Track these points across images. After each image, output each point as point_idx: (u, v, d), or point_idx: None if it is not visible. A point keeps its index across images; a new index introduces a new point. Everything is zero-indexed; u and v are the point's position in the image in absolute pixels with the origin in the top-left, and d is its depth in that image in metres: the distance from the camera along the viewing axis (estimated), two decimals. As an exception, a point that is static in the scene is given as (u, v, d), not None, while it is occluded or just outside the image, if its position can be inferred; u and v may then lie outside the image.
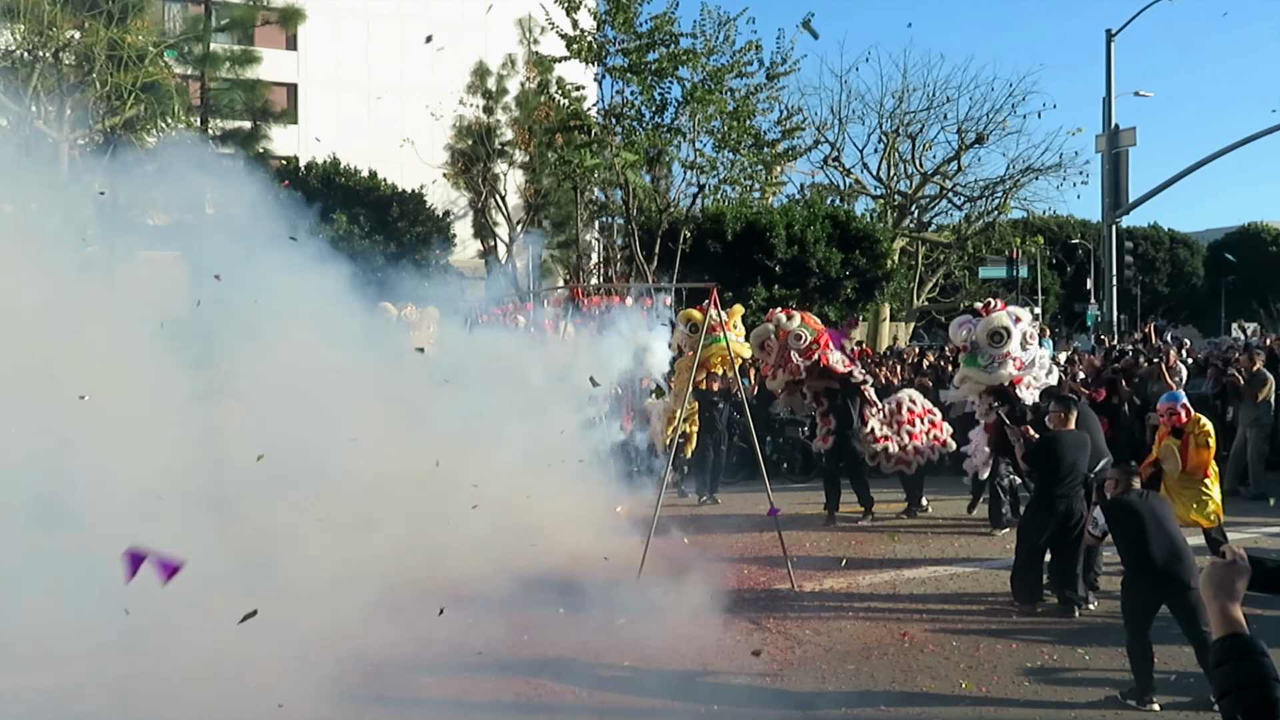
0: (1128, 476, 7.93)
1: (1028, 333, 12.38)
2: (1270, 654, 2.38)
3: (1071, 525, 9.55)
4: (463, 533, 9.72)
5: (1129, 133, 31.15)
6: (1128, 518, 7.62)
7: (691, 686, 7.73)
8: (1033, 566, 9.77)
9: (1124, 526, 7.64)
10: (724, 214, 28.31)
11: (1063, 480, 9.64)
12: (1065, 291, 53.68)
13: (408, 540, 9.46)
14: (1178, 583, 7.34)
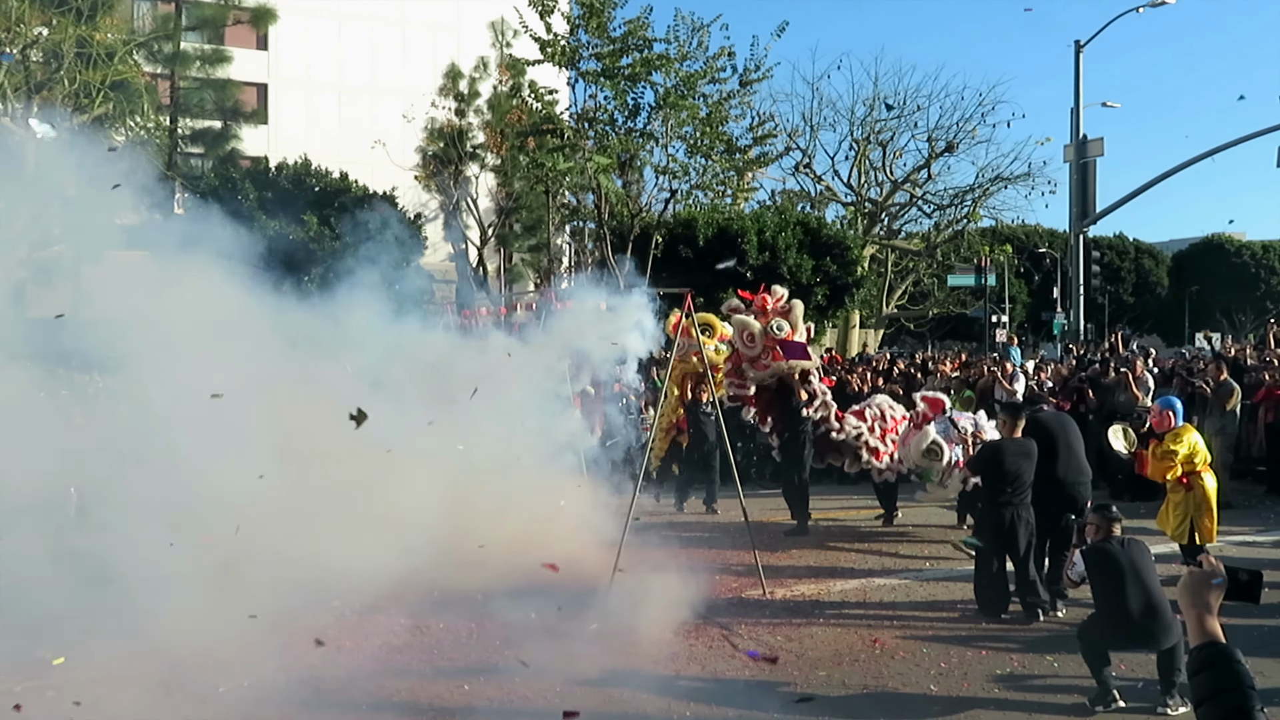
0: (1108, 523, 7.80)
1: (954, 429, 12.38)
2: (1246, 661, 2.42)
3: (1023, 533, 9.65)
4: (433, 538, 9.71)
5: (1097, 143, 31.47)
6: (1107, 567, 7.58)
7: (664, 692, 7.74)
8: (993, 579, 9.80)
9: (1102, 576, 7.63)
10: (696, 219, 28.38)
11: (1006, 489, 9.71)
12: (1032, 300, 54.08)
13: (378, 546, 9.42)
14: (1150, 640, 7.43)
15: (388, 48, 43.17)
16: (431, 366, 11.02)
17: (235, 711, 7.17)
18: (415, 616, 9.20)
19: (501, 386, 10.71)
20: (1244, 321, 57.30)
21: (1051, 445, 10.20)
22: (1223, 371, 16.20)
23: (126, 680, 7.68)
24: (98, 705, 7.22)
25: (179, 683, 7.67)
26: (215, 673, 7.87)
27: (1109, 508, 8.02)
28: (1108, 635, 7.55)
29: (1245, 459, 16.96)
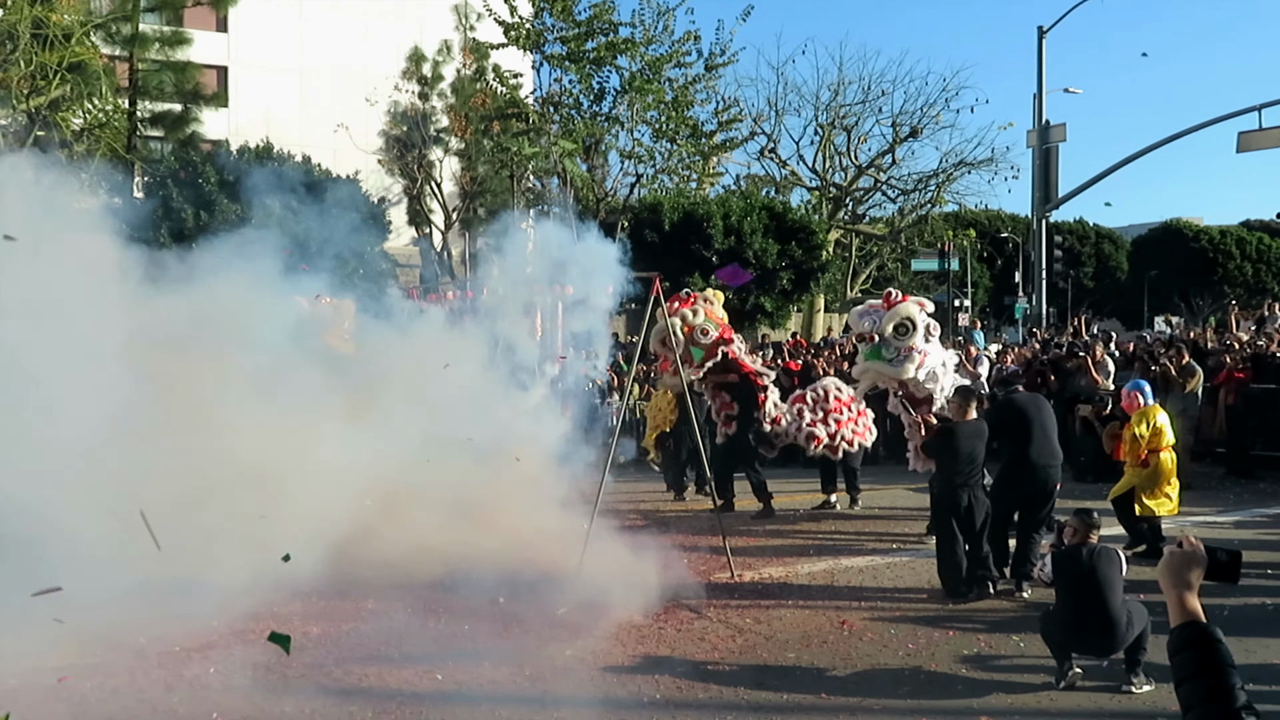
0: (1087, 528, 7.80)
1: (930, 325, 12.10)
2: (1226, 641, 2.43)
3: (979, 513, 9.79)
4: (400, 522, 9.67)
5: (1059, 129, 31.70)
6: (1071, 575, 7.62)
7: (632, 674, 7.74)
8: (956, 561, 9.87)
9: (1064, 581, 7.67)
10: (661, 204, 28.36)
11: (963, 470, 9.82)
12: (994, 284, 54.44)
13: (346, 529, 9.37)
14: (1101, 651, 7.53)
15: (349, 30, 42.74)
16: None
17: (201, 699, 7.10)
18: (383, 602, 9.14)
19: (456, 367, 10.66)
20: (1202, 305, 57.93)
21: (1025, 427, 10.18)
22: (1185, 354, 16.38)
23: (91, 668, 7.61)
24: (64, 691, 7.14)
25: (144, 670, 7.61)
26: (180, 660, 7.82)
27: (1090, 513, 7.98)
28: (1058, 637, 7.63)
29: (1205, 441, 17.17)
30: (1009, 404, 10.61)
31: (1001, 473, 10.46)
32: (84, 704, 7.00)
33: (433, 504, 9.97)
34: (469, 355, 11.03)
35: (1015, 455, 10.22)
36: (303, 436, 9.42)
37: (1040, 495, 10.12)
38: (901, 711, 7.13)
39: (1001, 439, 10.39)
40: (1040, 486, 10.12)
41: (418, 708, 7.05)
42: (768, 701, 7.28)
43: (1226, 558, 2.58)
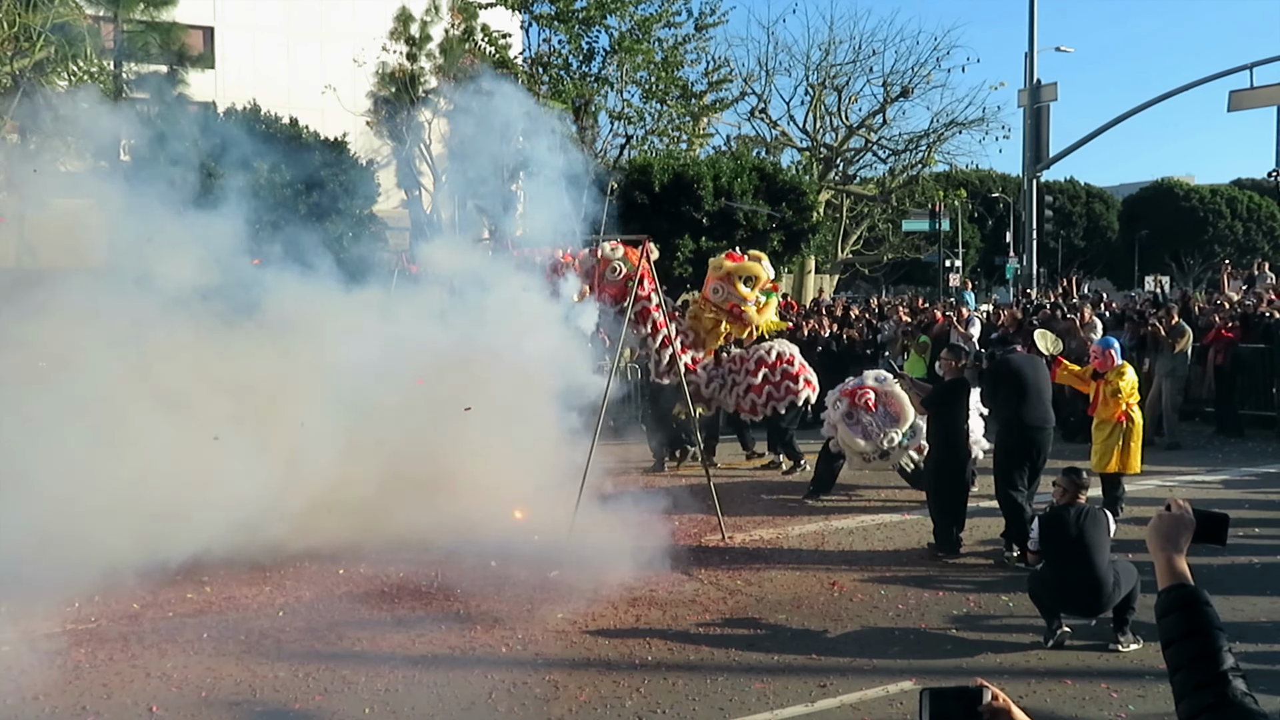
0: (1075, 488, 7.82)
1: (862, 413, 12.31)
2: (1214, 603, 2.44)
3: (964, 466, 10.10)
4: (394, 487, 9.68)
5: (1050, 88, 31.54)
6: (1057, 535, 7.66)
7: (624, 637, 7.79)
8: (962, 516, 9.96)
9: (1051, 543, 7.72)
10: (651, 165, 28.19)
11: (963, 427, 10.06)
12: (985, 245, 54.49)
13: (336, 493, 9.38)
14: (1087, 611, 7.59)
15: (337, -10, 42.23)
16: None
17: (195, 664, 7.14)
18: (375, 566, 9.17)
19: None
20: (1192, 265, 58.07)
21: (1021, 388, 10.01)
22: (1173, 315, 16.42)
23: (85, 634, 7.65)
24: (59, 657, 7.17)
25: (138, 635, 7.63)
26: (174, 626, 7.85)
27: (1079, 473, 7.99)
28: (1046, 596, 7.68)
29: (1194, 400, 17.24)
30: (1005, 363, 10.43)
31: (997, 436, 10.39)
32: (78, 670, 7.03)
33: (426, 468, 9.98)
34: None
35: (1008, 417, 10.08)
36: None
37: (1032, 457, 10.02)
38: (891, 671, 7.18)
39: (996, 400, 10.36)
40: (1031, 448, 9.98)
41: (411, 671, 7.09)
42: (759, 663, 7.33)
43: (1214, 520, 2.58)
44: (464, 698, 6.70)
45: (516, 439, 10.03)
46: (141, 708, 6.48)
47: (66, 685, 6.77)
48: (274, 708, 6.54)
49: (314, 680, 6.92)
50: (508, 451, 10.05)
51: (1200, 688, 2.28)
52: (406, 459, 9.56)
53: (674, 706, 6.59)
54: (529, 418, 10.18)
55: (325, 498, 9.37)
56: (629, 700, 6.68)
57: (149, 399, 8.97)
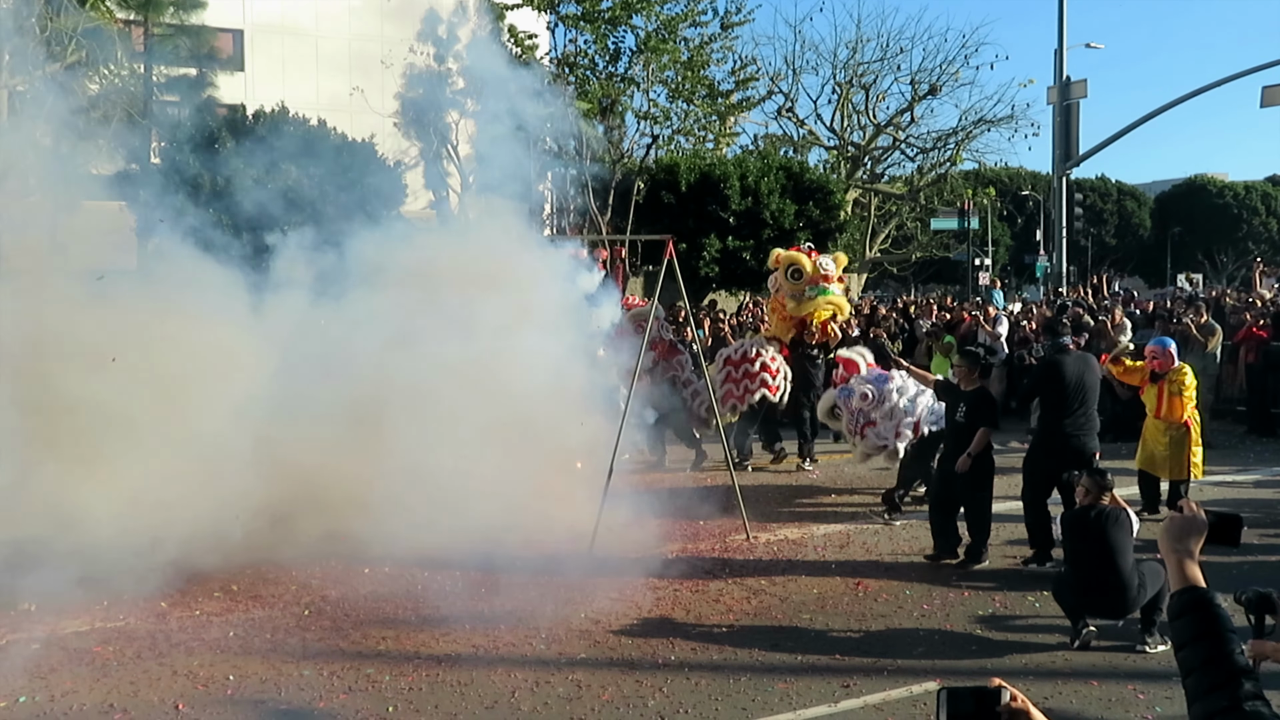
0: (1099, 489, 7.74)
1: (862, 393, 11.83)
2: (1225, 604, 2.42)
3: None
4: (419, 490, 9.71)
5: (1080, 84, 31.33)
6: (1079, 537, 7.62)
7: (647, 637, 7.79)
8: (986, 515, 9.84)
9: (1072, 543, 7.68)
10: (678, 165, 28.22)
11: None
12: (1015, 243, 54.17)
13: (363, 496, 9.42)
14: (1110, 613, 7.53)
15: (365, -8, 42.43)
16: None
17: (221, 662, 7.19)
18: (399, 566, 9.21)
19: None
20: (1225, 262, 57.52)
21: (1061, 393, 9.58)
22: (1204, 313, 16.29)
23: (114, 632, 7.72)
24: (88, 655, 7.25)
25: (165, 634, 7.70)
26: (200, 624, 7.92)
27: (1103, 474, 7.92)
28: (1068, 598, 7.63)
29: (1226, 399, 17.09)
30: (1054, 365, 9.77)
31: (1034, 440, 10.16)
32: (106, 667, 7.10)
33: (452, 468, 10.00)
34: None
35: (1049, 422, 9.72)
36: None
37: (1074, 467, 9.17)
38: (916, 672, 7.16)
39: (1041, 402, 9.99)
40: (1072, 458, 9.35)
41: (434, 670, 7.12)
42: (782, 663, 7.32)
43: (1226, 521, 2.57)
44: (487, 696, 6.72)
45: (540, 439, 10.03)
46: (168, 705, 6.53)
47: (94, 683, 6.84)
48: (298, 706, 6.58)
49: (338, 679, 6.96)
50: (532, 451, 10.05)
51: (1213, 691, 2.26)
52: (430, 457, 9.57)
53: (697, 706, 6.59)
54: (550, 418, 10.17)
55: (354, 496, 9.42)
56: (652, 700, 6.68)
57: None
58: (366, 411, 9.58)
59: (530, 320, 10.39)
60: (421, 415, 9.66)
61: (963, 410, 9.64)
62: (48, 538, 8.35)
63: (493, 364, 10.09)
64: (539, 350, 10.23)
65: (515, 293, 10.31)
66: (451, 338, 10.08)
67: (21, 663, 7.15)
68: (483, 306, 10.21)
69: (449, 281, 10.21)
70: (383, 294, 10.30)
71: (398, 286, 10.25)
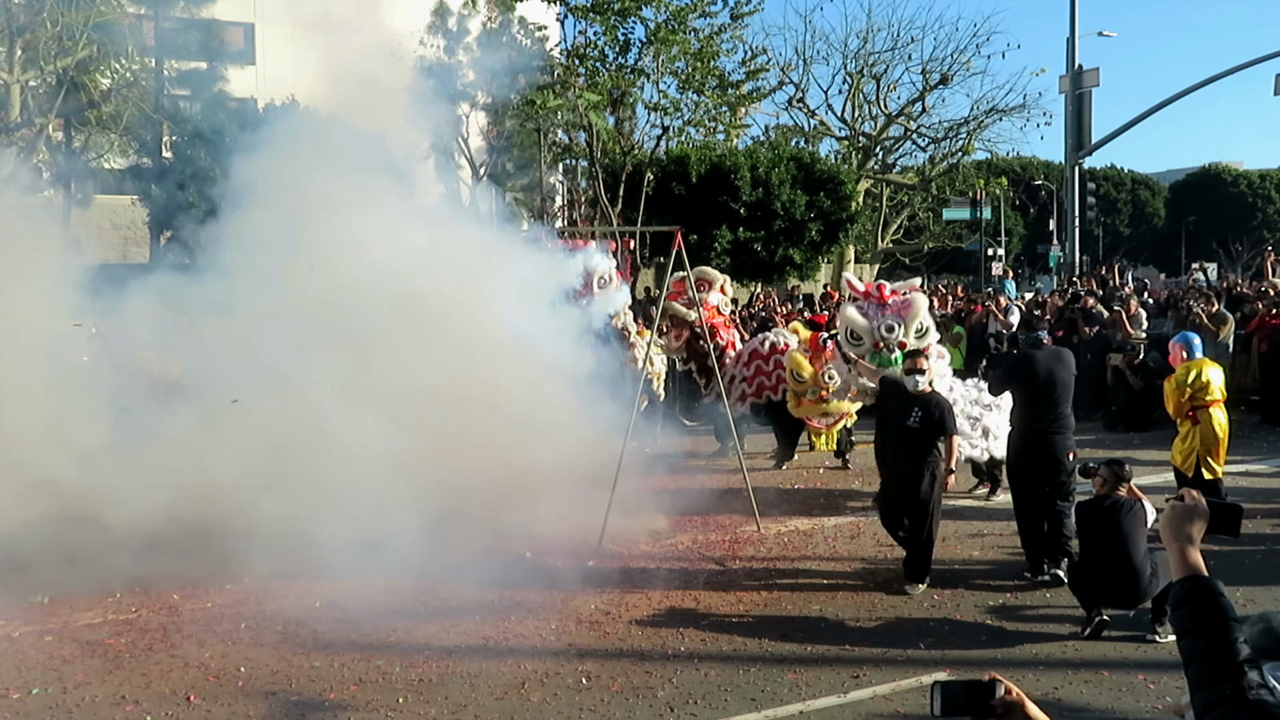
0: (1116, 480, 7.66)
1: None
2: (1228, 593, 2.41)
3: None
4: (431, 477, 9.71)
5: (1092, 73, 31.18)
6: (1093, 527, 7.59)
7: (657, 627, 7.80)
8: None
9: (1086, 534, 7.66)
10: (688, 156, 28.16)
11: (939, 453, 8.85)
12: (1028, 233, 53.89)
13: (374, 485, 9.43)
14: (1122, 603, 7.49)
15: (374, -15, 42.36)
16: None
17: (232, 654, 7.23)
18: (410, 559, 9.22)
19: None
20: (1240, 251, 57.16)
21: (1030, 385, 8.97)
22: (1215, 303, 16.22)
23: (125, 624, 7.77)
24: (100, 647, 7.29)
25: (177, 626, 7.74)
26: (212, 616, 7.95)
27: (1121, 464, 7.80)
28: (1086, 588, 7.61)
29: (1239, 389, 16.99)
30: (1024, 359, 9.23)
31: (1010, 441, 9.52)
32: (118, 659, 7.14)
33: (462, 456, 10.00)
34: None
35: (1020, 419, 9.17)
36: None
37: (1048, 467, 8.85)
38: (926, 662, 7.16)
39: (1012, 398, 9.43)
40: (1043, 457, 8.87)
41: (445, 661, 7.15)
42: (792, 653, 7.32)
43: (1227, 511, 2.56)
44: (497, 687, 6.74)
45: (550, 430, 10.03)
46: (180, 697, 6.57)
47: (107, 674, 6.88)
48: (309, 697, 6.61)
49: (349, 670, 6.99)
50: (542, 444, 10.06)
51: (1215, 680, 2.26)
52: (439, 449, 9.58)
53: (706, 697, 6.60)
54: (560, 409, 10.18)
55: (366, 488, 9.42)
56: (661, 690, 6.69)
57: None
58: (378, 402, 9.57)
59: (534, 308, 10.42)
60: (430, 406, 9.67)
61: (917, 415, 8.61)
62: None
63: (506, 355, 10.10)
64: (546, 340, 10.25)
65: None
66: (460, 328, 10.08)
67: (34, 655, 7.21)
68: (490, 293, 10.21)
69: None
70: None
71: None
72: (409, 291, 9.78)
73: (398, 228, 10.13)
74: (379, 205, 10.23)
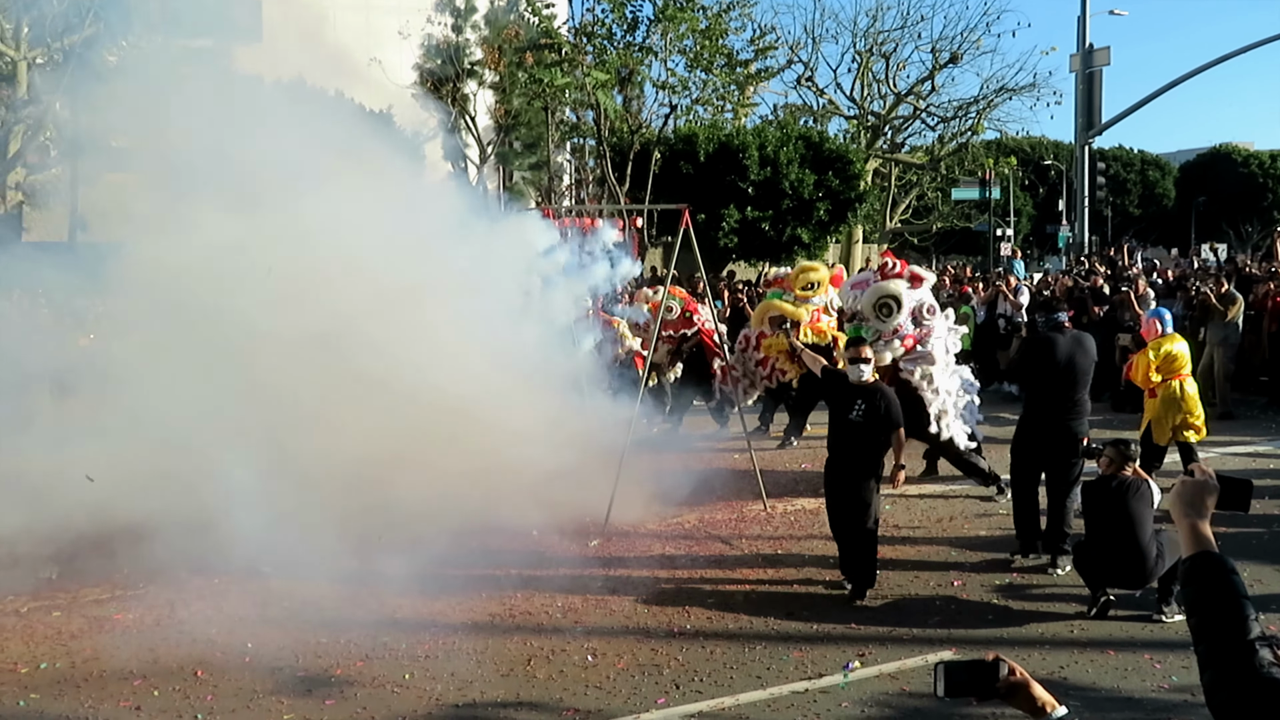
0: (1122, 459, 7.64)
1: (925, 304, 10.62)
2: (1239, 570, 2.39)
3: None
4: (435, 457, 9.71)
5: (1103, 52, 31.02)
6: (1099, 506, 7.57)
7: (664, 606, 7.81)
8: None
9: (1093, 513, 7.63)
10: (696, 135, 28.08)
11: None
12: (1037, 213, 53.76)
13: (382, 466, 9.43)
14: (1128, 583, 7.47)
15: (382, -38, 42.27)
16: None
17: (239, 630, 7.24)
18: (416, 535, 9.22)
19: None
20: (1250, 232, 56.92)
21: (1051, 371, 8.75)
22: (1224, 283, 16.14)
23: (133, 600, 7.79)
24: (107, 622, 7.32)
25: (184, 602, 7.76)
26: (219, 593, 7.95)
27: (1127, 444, 7.79)
28: (1092, 568, 7.60)
29: (1248, 369, 16.93)
30: (1045, 342, 8.92)
31: (1020, 421, 9.29)
32: (126, 635, 7.17)
33: (468, 437, 9.99)
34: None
35: (1035, 403, 9.02)
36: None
37: (1061, 452, 8.72)
38: (932, 641, 7.15)
39: (1029, 381, 9.28)
40: (1058, 442, 8.73)
41: (451, 637, 7.16)
42: (798, 632, 7.33)
43: (1238, 486, 2.53)
44: (503, 664, 6.75)
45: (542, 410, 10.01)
46: (187, 672, 6.59)
47: (114, 649, 6.90)
48: (316, 673, 6.63)
49: (355, 646, 7.00)
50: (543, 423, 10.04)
51: (1226, 658, 2.24)
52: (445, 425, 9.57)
53: (712, 674, 6.61)
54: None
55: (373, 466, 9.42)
56: (667, 668, 6.70)
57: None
58: (381, 383, 9.55)
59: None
60: (438, 384, 9.64)
61: (860, 408, 8.04)
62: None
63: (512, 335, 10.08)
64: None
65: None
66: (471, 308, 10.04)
67: (42, 630, 7.24)
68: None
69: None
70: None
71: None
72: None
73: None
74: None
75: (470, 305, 9.97)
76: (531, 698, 6.30)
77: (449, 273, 9.93)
